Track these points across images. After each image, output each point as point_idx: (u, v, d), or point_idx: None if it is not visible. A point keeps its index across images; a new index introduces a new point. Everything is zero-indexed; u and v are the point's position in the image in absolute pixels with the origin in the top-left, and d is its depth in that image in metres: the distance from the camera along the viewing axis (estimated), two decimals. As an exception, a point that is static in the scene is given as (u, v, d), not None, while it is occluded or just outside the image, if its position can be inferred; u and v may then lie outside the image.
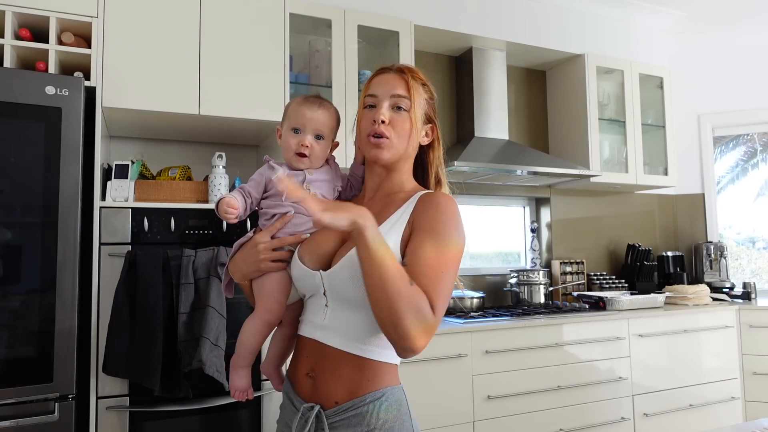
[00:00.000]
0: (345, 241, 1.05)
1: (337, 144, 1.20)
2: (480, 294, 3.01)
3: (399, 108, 1.07)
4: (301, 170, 1.14)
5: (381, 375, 1.01)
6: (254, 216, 2.10)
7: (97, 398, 1.86)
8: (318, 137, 1.14)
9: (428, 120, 1.12)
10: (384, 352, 1.01)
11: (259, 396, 2.06)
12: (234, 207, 1.09)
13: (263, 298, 1.13)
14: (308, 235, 1.11)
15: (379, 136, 1.05)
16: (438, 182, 1.14)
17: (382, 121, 1.05)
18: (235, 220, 1.11)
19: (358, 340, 1.00)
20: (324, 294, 1.04)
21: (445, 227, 0.99)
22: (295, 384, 1.09)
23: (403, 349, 0.92)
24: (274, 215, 1.13)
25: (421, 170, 1.16)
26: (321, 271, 1.04)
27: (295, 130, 1.13)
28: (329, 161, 1.19)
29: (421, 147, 1.13)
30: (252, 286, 1.16)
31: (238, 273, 1.15)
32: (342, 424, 0.99)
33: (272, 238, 1.11)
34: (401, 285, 0.89)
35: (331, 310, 1.03)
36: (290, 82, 2.30)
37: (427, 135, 1.12)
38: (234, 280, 1.19)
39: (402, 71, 1.10)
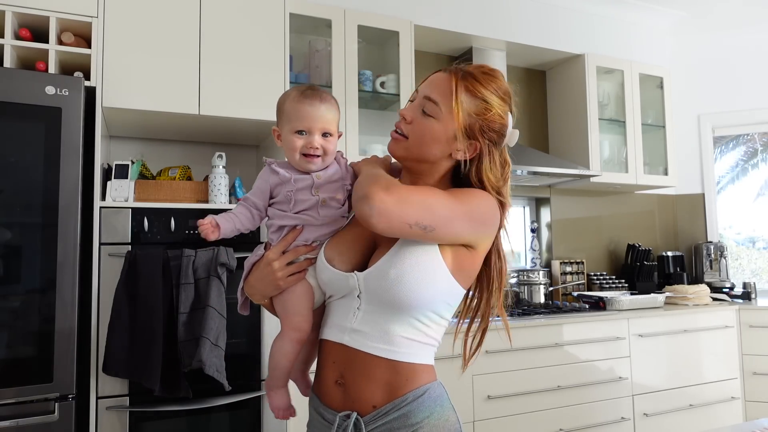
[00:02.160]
0: (375, 240, 1.03)
1: (340, 134, 1.14)
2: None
3: (424, 112, 1.00)
4: (309, 174, 1.07)
5: (419, 374, 0.98)
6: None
7: (97, 398, 1.86)
8: (325, 135, 1.08)
9: (470, 136, 1.00)
10: (418, 353, 0.98)
11: (259, 396, 2.06)
12: (209, 225, 1.09)
13: (288, 316, 1.08)
14: (318, 243, 1.08)
15: (399, 132, 1.03)
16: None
17: (404, 118, 1.03)
18: (213, 238, 1.09)
19: (391, 344, 0.97)
20: (358, 296, 1.00)
21: (462, 193, 0.98)
22: (323, 396, 1.04)
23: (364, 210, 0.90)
24: (281, 227, 1.09)
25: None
26: (356, 272, 1.00)
27: (300, 132, 1.07)
28: (337, 159, 1.12)
29: (472, 162, 1.02)
30: (273, 304, 1.11)
31: (257, 294, 1.11)
32: (384, 428, 0.96)
33: (283, 252, 1.07)
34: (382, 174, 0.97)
35: (363, 312, 0.99)
36: (290, 82, 2.30)
37: (466, 151, 1.01)
38: (251, 300, 1.14)
39: (457, 74, 1.00)
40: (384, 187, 0.89)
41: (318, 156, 1.07)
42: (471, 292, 1.07)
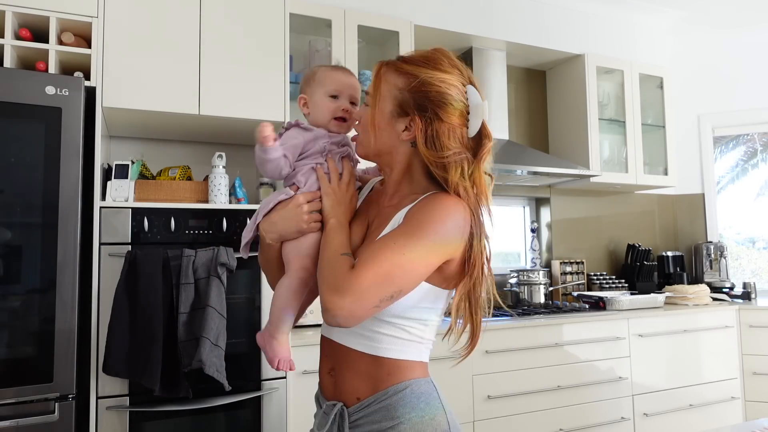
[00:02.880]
0: (367, 221, 1.06)
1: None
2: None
3: (366, 106, 1.05)
4: (339, 136, 1.14)
5: (402, 370, 0.98)
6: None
7: (97, 398, 1.86)
8: (352, 103, 1.15)
9: (405, 112, 0.98)
10: (402, 350, 0.98)
11: (259, 396, 2.07)
12: (272, 134, 1.07)
13: (300, 257, 1.08)
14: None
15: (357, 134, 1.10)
16: (446, 183, 0.97)
17: (357, 121, 1.10)
18: (269, 145, 1.06)
19: (373, 341, 0.98)
20: None
21: (418, 222, 0.92)
22: (321, 384, 1.09)
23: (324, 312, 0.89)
24: (312, 168, 1.11)
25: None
26: None
27: (333, 96, 1.13)
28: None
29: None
30: (282, 248, 1.10)
31: (274, 233, 1.08)
32: (366, 420, 0.97)
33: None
34: (331, 255, 0.95)
35: None
36: (290, 82, 2.30)
37: (407, 129, 0.98)
38: (265, 239, 1.10)
39: (383, 61, 1.03)
40: (335, 289, 0.88)
41: (346, 120, 1.14)
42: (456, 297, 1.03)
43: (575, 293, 3.34)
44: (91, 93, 1.95)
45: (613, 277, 3.58)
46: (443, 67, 0.99)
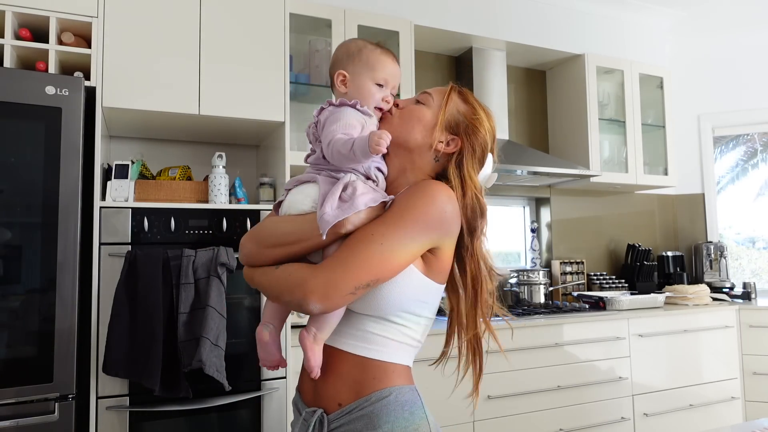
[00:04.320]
0: None
1: None
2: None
3: (417, 101, 1.06)
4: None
5: (389, 374, 0.95)
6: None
7: (97, 398, 1.86)
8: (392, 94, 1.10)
9: (454, 131, 1.03)
10: (392, 352, 0.96)
11: (259, 396, 2.07)
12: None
13: None
14: None
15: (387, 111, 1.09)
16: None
17: (396, 105, 1.08)
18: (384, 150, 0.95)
19: (364, 341, 0.95)
20: None
21: (399, 209, 0.92)
22: (301, 389, 1.05)
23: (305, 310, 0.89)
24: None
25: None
26: None
27: (379, 84, 1.07)
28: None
29: (452, 159, 1.03)
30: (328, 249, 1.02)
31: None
32: (347, 429, 0.93)
33: None
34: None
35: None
36: (290, 82, 2.30)
37: (447, 143, 1.03)
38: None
39: (454, 86, 1.08)
40: (311, 275, 0.88)
41: (383, 110, 1.08)
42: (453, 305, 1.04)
43: (575, 293, 3.34)
44: (91, 93, 1.95)
45: (613, 277, 3.58)
46: (491, 124, 1.06)
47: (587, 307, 3.10)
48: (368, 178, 1.00)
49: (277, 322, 1.04)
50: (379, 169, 1.02)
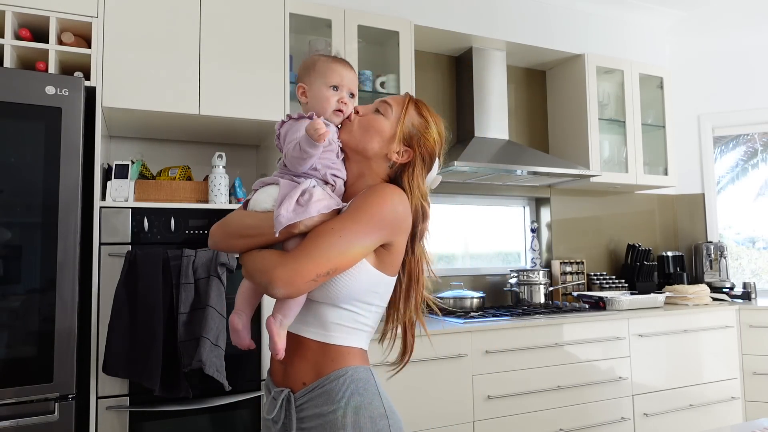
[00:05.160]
0: None
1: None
2: (480, 294, 3.01)
3: (377, 111, 1.16)
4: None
5: (345, 356, 1.07)
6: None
7: (97, 398, 1.86)
8: (350, 96, 1.18)
9: (407, 143, 1.14)
10: (347, 337, 1.07)
11: (259, 396, 2.07)
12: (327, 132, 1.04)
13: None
14: None
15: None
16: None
17: (356, 111, 1.17)
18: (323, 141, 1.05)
19: (323, 328, 1.07)
20: None
21: (356, 207, 1.03)
22: (271, 372, 1.17)
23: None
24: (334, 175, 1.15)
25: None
26: None
27: (334, 87, 1.16)
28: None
29: (404, 169, 1.14)
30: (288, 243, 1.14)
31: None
32: (310, 404, 1.05)
33: None
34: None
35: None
36: (290, 82, 2.30)
37: (402, 153, 1.13)
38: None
39: (412, 98, 1.18)
40: (278, 263, 0.99)
41: (342, 112, 1.16)
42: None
43: (575, 293, 3.34)
44: (91, 93, 1.95)
45: (613, 277, 3.58)
46: (441, 133, 1.19)
47: (587, 307, 3.10)
48: (326, 182, 1.11)
49: (248, 310, 1.16)
50: (335, 176, 1.12)
